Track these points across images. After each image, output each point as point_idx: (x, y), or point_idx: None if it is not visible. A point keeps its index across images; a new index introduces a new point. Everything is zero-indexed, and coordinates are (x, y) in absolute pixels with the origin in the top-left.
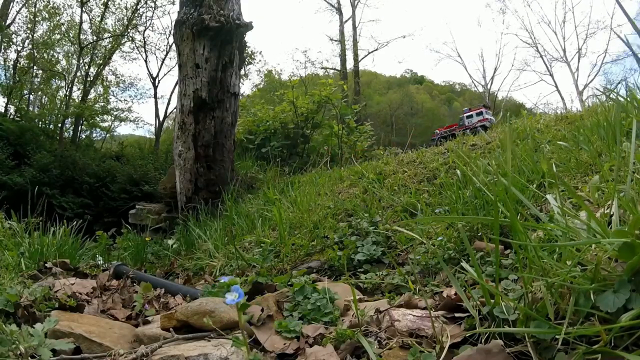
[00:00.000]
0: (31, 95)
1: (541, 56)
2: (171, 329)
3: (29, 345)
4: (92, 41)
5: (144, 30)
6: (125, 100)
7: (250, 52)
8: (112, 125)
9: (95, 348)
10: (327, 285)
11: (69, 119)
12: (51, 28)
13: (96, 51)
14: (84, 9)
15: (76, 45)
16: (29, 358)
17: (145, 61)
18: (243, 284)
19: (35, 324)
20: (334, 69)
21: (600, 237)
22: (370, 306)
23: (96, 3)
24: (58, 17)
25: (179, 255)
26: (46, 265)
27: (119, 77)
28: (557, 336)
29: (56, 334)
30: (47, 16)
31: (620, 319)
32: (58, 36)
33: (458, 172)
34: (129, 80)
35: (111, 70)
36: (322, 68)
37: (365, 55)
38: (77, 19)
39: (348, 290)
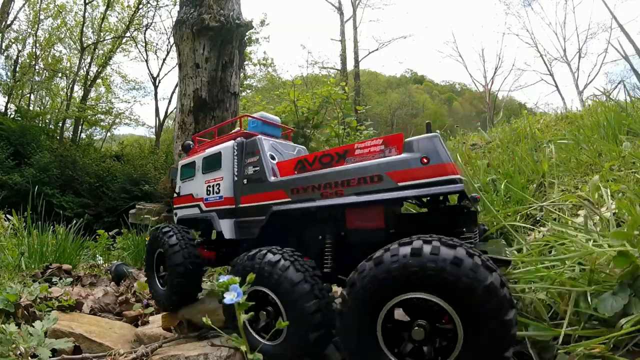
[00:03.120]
0: (32, 95)
1: (541, 56)
2: (173, 328)
3: (29, 345)
4: (94, 41)
5: (145, 30)
6: (127, 100)
7: (265, 59)
8: (113, 124)
9: (96, 348)
10: None
11: (70, 119)
12: (55, 27)
13: (97, 50)
14: (86, 8)
15: (78, 45)
16: (29, 358)
17: (146, 61)
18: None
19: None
20: (335, 69)
21: (598, 238)
22: None
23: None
24: (63, 15)
25: None
26: (50, 267)
27: (122, 77)
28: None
29: (56, 334)
30: (52, 14)
31: (620, 323)
32: (62, 35)
33: None
34: (132, 80)
35: (113, 69)
36: (322, 68)
37: (366, 55)
38: (80, 18)
39: None
